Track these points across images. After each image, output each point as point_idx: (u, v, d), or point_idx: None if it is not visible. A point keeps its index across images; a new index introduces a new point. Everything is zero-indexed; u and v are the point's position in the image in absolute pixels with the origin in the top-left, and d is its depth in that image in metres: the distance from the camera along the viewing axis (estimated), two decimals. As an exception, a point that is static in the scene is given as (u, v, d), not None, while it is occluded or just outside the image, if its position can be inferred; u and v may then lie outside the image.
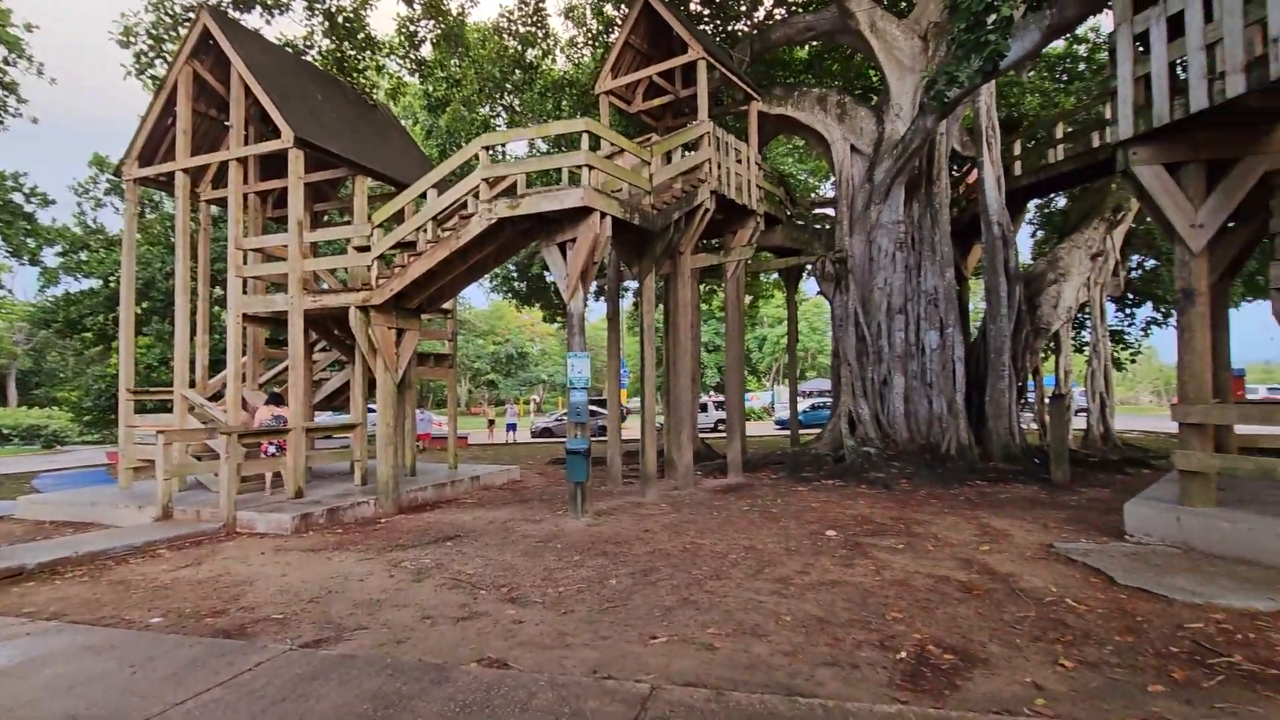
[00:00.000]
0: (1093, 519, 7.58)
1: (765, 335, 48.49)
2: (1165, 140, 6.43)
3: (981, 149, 12.79)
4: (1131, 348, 20.71)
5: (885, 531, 7.24)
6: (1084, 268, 14.24)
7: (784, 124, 14.70)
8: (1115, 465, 12.14)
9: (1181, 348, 6.59)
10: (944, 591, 5.10)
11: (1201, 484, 6.28)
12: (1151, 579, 5.12)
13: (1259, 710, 3.19)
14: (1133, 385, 62.97)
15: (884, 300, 13.17)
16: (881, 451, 12.24)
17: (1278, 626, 4.23)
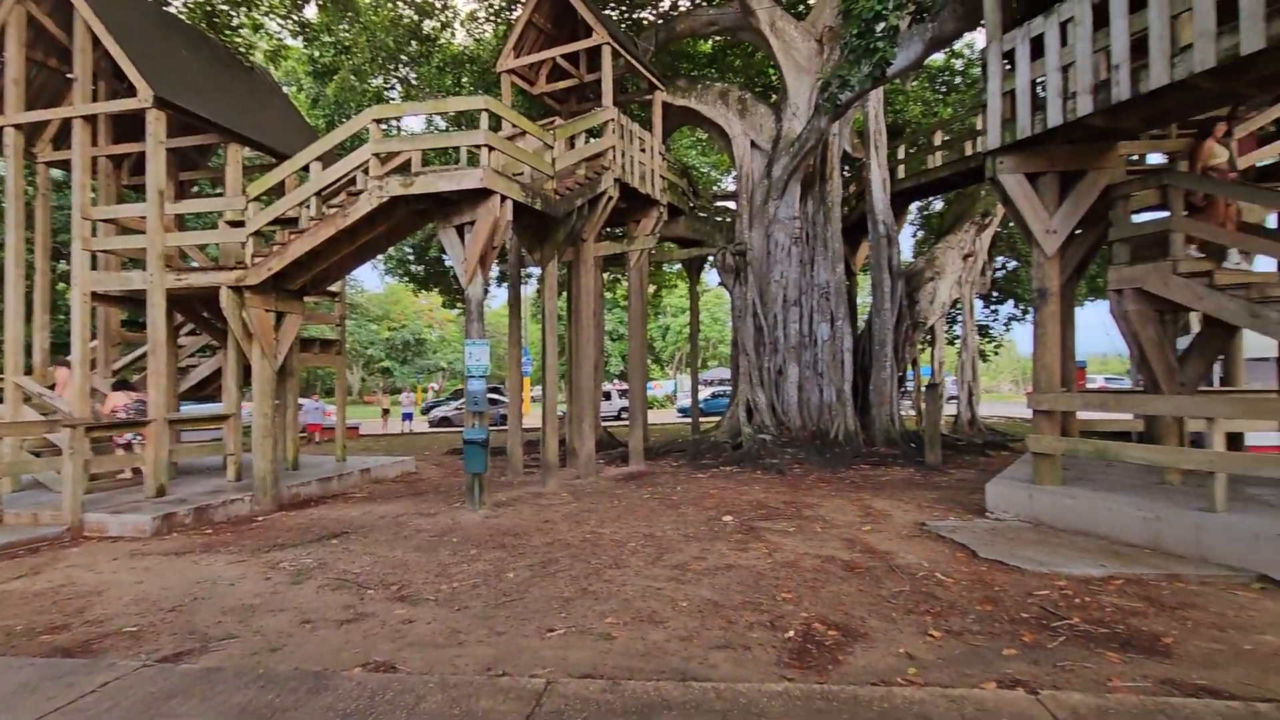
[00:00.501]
0: (960, 498, 8.26)
1: (669, 324, 49.25)
2: (1027, 151, 7.04)
3: (870, 152, 13.51)
4: (995, 341, 22.77)
5: (778, 515, 7.55)
6: (956, 267, 15.43)
7: (688, 116, 14.88)
8: (980, 448, 13.31)
9: (1036, 342, 7.27)
10: (830, 571, 5.38)
11: (1049, 464, 6.98)
12: (1007, 552, 5.64)
13: (1091, 665, 3.58)
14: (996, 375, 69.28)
15: (780, 293, 13.68)
16: (776, 438, 12.76)
17: (1108, 590, 4.78)
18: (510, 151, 8.27)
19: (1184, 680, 3.39)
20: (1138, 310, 6.91)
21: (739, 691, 3.27)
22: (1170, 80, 5.53)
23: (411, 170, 7.95)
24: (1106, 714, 2.92)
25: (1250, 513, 5.47)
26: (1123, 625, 4.11)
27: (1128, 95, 5.83)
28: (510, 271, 11.77)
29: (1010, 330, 23.01)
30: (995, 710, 2.99)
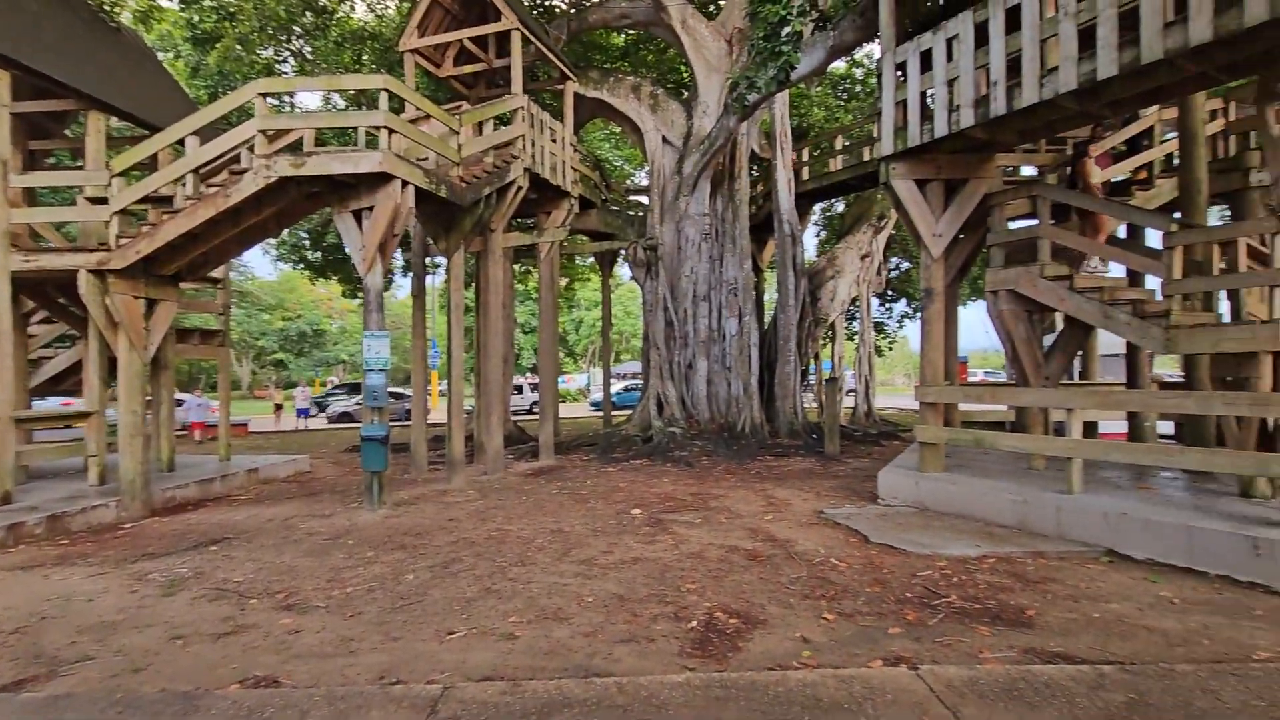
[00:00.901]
0: (855, 486, 8.71)
1: (582, 318, 49.04)
2: (917, 159, 7.47)
3: (776, 153, 13.94)
4: (890, 337, 24.17)
5: (685, 507, 7.67)
6: (855, 266, 16.23)
7: (600, 108, 14.80)
8: (875, 438, 14.10)
9: (923, 338, 7.76)
10: (733, 560, 5.51)
11: (934, 453, 7.48)
12: (895, 536, 5.99)
13: (965, 639, 3.86)
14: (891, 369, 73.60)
15: (690, 288, 13.90)
16: (686, 431, 12.97)
17: (981, 568, 5.18)
18: (413, 135, 7.91)
19: (1043, 648, 3.71)
20: (1010, 310, 7.51)
21: (640, 685, 3.29)
22: (1039, 99, 6.02)
23: (304, 150, 7.45)
24: (977, 684, 3.15)
25: (1101, 494, 6.08)
26: (993, 601, 4.46)
27: (1004, 110, 6.30)
28: (414, 261, 11.30)
29: (903, 327, 24.51)
30: (880, 687, 3.15)
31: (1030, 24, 6.05)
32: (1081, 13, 5.68)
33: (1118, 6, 5.45)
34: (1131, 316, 6.29)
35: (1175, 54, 5.13)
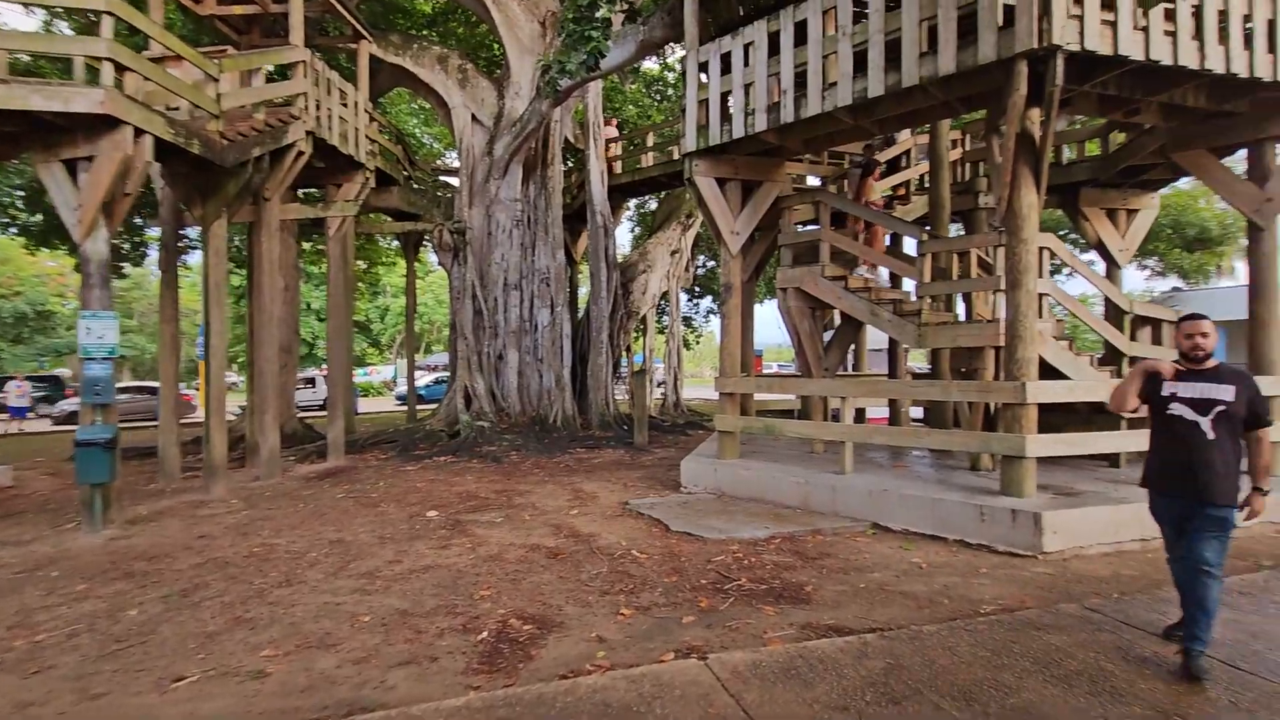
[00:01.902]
0: (661, 475, 8.91)
1: (388, 305, 45.59)
2: (718, 158, 7.75)
3: (590, 144, 13.89)
4: (698, 331, 25.52)
5: (488, 506, 7.26)
6: (666, 262, 16.79)
7: (402, 77, 13.64)
8: (683, 428, 14.70)
9: (722, 332, 8.11)
10: (533, 560, 5.26)
11: (731, 441, 7.86)
12: (694, 523, 6.15)
13: (752, 621, 3.99)
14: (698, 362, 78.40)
15: (501, 275, 13.37)
16: (495, 425, 12.46)
17: (769, 549, 5.47)
18: (153, 75, 6.53)
19: (818, 623, 3.94)
20: (797, 306, 8.12)
21: (413, 715, 2.90)
22: (821, 110, 6.50)
23: (-14, 77, 5.79)
24: (760, 668, 3.21)
25: (867, 473, 6.77)
26: (778, 580, 4.69)
27: (792, 118, 6.72)
28: (164, 230, 9.49)
29: (709, 322, 26.03)
30: (670, 683, 3.09)
31: (814, 40, 6.50)
32: (856, 35, 6.21)
33: (884, 33, 6.03)
34: (893, 315, 7.08)
35: (928, 81, 5.79)
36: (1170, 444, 3.24)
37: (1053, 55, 5.14)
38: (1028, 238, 5.62)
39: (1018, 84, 5.28)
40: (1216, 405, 3.11)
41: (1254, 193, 6.69)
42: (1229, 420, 3.10)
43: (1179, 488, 3.19)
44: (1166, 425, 3.26)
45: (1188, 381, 3.21)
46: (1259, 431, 3.16)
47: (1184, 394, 3.19)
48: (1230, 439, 3.11)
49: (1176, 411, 3.20)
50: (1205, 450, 3.11)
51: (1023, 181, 5.63)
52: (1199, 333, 3.20)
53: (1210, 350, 3.21)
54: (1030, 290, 5.61)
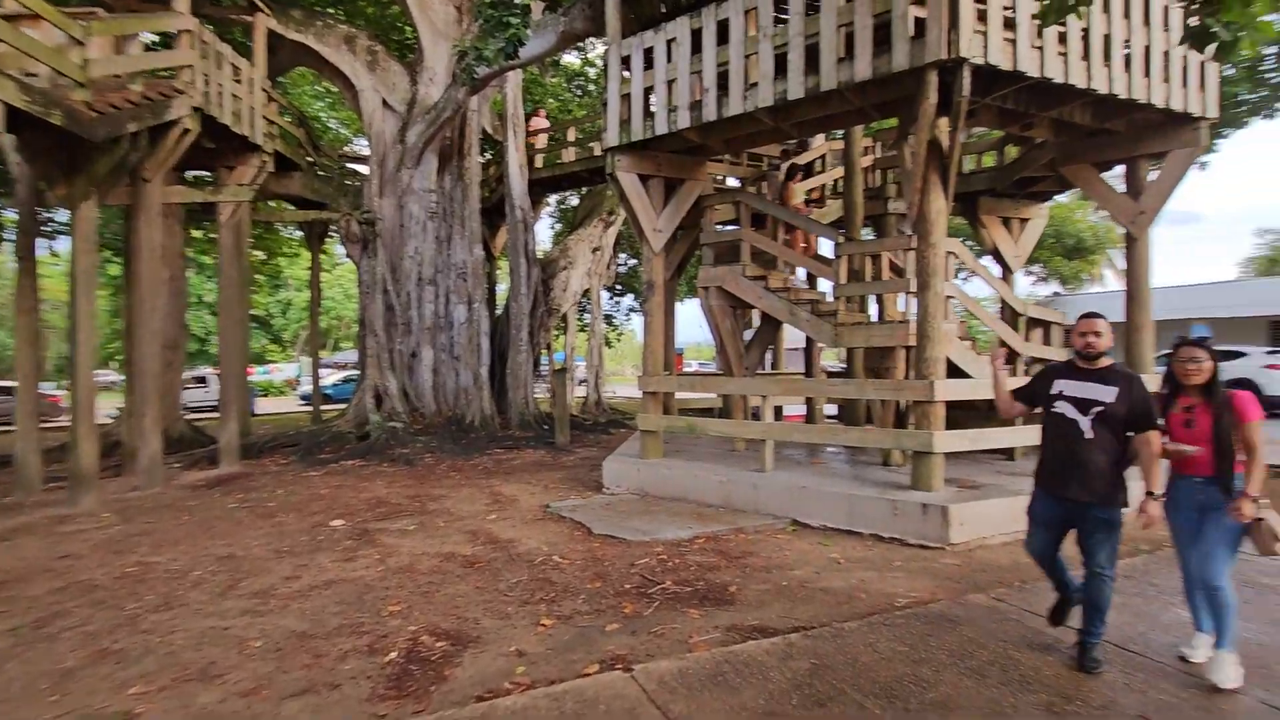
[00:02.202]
0: (583, 476, 8.74)
1: (291, 299, 42.88)
2: (640, 154, 7.66)
3: (509, 136, 13.50)
4: (619, 329, 25.47)
5: (399, 512, 6.87)
6: (587, 259, 16.59)
7: (304, 55, 12.78)
8: (605, 427, 14.57)
9: (645, 330, 8.04)
10: (448, 570, 4.98)
11: (654, 440, 7.80)
12: (618, 525, 6.04)
13: (678, 625, 3.91)
14: (620, 360, 78.61)
15: (415, 270, 12.79)
16: (408, 426, 11.90)
17: (693, 549, 5.43)
18: (2, 34, 5.73)
19: (743, 624, 3.92)
20: (719, 305, 8.16)
21: (309, 754, 2.63)
22: (743, 110, 6.53)
23: None
24: (686, 676, 3.13)
25: (787, 471, 6.88)
26: (702, 581, 4.65)
27: (714, 117, 6.72)
28: (21, 212, 8.41)
29: (631, 320, 26.06)
30: (594, 699, 2.95)
31: (736, 40, 6.52)
32: (777, 37, 6.27)
33: (804, 37, 6.12)
34: (810, 315, 7.22)
35: (845, 86, 5.91)
36: (1053, 442, 3.28)
37: (960, 67, 5.36)
38: (936, 242, 5.85)
39: (928, 93, 5.48)
40: (1096, 405, 3.12)
41: (1130, 205, 7.27)
42: (1108, 420, 3.09)
43: (1060, 486, 3.21)
44: (1052, 423, 3.29)
45: (1076, 380, 3.24)
46: (1146, 434, 3.10)
47: (1070, 393, 3.22)
48: (1111, 439, 3.10)
49: (1060, 410, 3.23)
50: (1083, 449, 3.12)
51: (932, 188, 5.85)
52: (1092, 331, 3.21)
53: (1102, 350, 3.22)
54: (938, 292, 5.85)
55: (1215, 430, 2.98)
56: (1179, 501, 3.14)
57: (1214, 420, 2.99)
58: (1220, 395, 3.00)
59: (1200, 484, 3.05)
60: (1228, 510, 2.95)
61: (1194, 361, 3.04)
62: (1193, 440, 3.04)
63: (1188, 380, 3.06)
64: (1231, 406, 2.98)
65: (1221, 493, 2.98)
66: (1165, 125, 6.95)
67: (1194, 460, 3.05)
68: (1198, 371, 3.03)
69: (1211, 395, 3.02)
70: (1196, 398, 3.06)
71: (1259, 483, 2.93)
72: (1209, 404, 3.02)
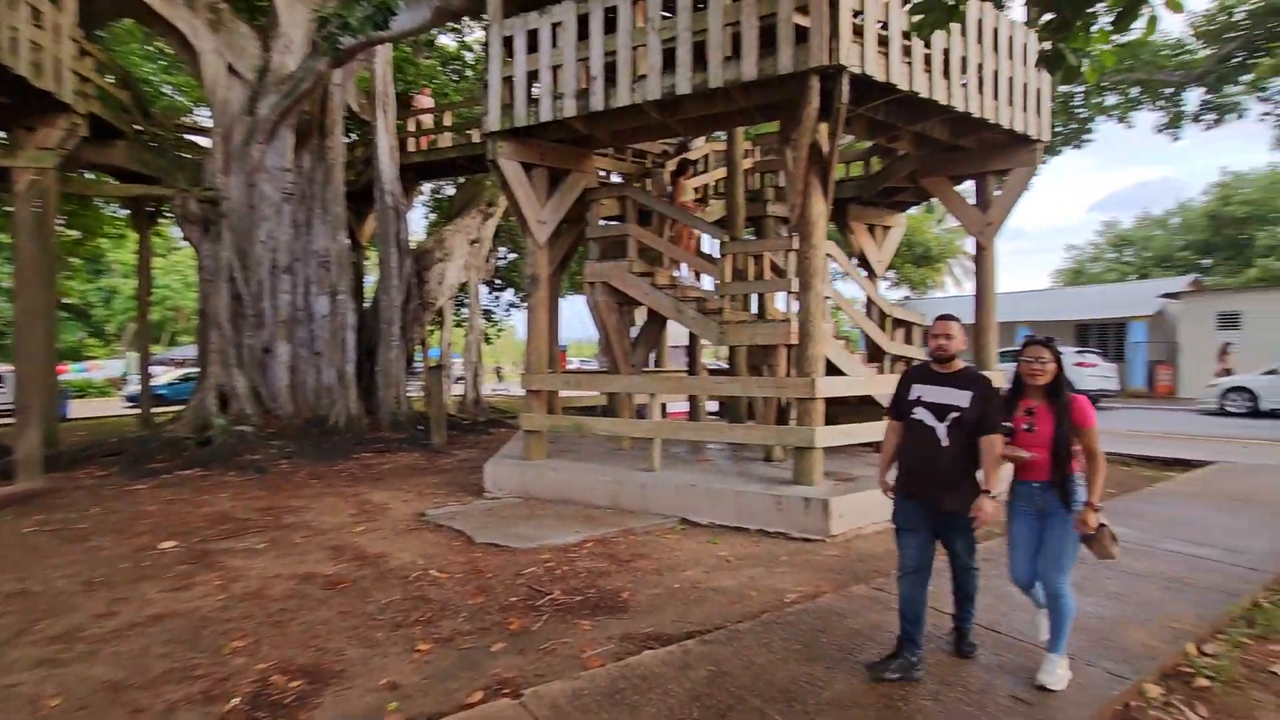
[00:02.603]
0: (462, 480, 8.25)
1: (116, 287, 37.62)
2: (524, 141, 7.31)
3: (378, 116, 12.53)
4: (499, 325, 24.66)
5: (247, 529, 6.08)
6: (464, 251, 15.82)
7: (131, 6, 11.09)
8: (484, 427, 13.96)
9: (528, 325, 7.70)
10: (305, 594, 4.42)
11: (538, 440, 7.49)
12: (501, 532, 5.69)
13: (569, 640, 3.69)
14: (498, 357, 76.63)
15: (268, 256, 11.53)
16: (260, 430, 10.71)
17: (581, 554, 5.22)
18: None
19: (637, 632, 3.76)
20: (605, 301, 7.99)
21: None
22: (631, 102, 6.38)
23: None
24: (581, 698, 2.92)
25: (675, 469, 6.85)
26: (593, 588, 4.45)
27: (601, 107, 6.52)
28: None
29: (510, 315, 25.29)
30: (479, 733, 2.67)
31: (625, 29, 6.36)
32: (665, 30, 6.18)
33: (692, 33, 6.08)
34: (696, 313, 7.24)
35: (732, 85, 5.94)
36: (914, 449, 3.20)
37: (840, 74, 5.54)
38: (818, 243, 6.03)
39: (811, 98, 5.62)
40: (952, 411, 3.07)
41: (979, 217, 7.94)
42: (962, 426, 3.06)
43: (925, 493, 3.15)
44: (910, 430, 3.21)
45: (932, 385, 3.18)
46: (990, 437, 3.03)
47: (927, 398, 3.16)
48: (965, 445, 3.06)
49: (919, 417, 3.16)
50: (941, 458, 3.08)
51: (813, 191, 6.02)
52: (944, 334, 3.15)
53: (954, 352, 3.16)
54: (819, 292, 6.04)
55: (1055, 434, 2.92)
56: (1018, 506, 3.10)
57: (1055, 424, 2.93)
58: (1063, 399, 2.95)
59: (1039, 489, 3.00)
60: (1074, 525, 2.92)
61: (1039, 361, 2.96)
62: (1033, 443, 2.97)
63: (1032, 380, 2.99)
64: (1071, 411, 2.93)
65: (1059, 497, 2.95)
66: (1009, 145, 7.65)
67: (1032, 464, 2.99)
68: (1042, 372, 2.95)
69: (1054, 398, 2.96)
70: (1039, 399, 3.00)
71: (1100, 490, 2.93)
72: (1051, 406, 2.96)
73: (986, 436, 3.03)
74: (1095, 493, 2.92)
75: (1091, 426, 2.93)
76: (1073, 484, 2.94)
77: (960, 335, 3.20)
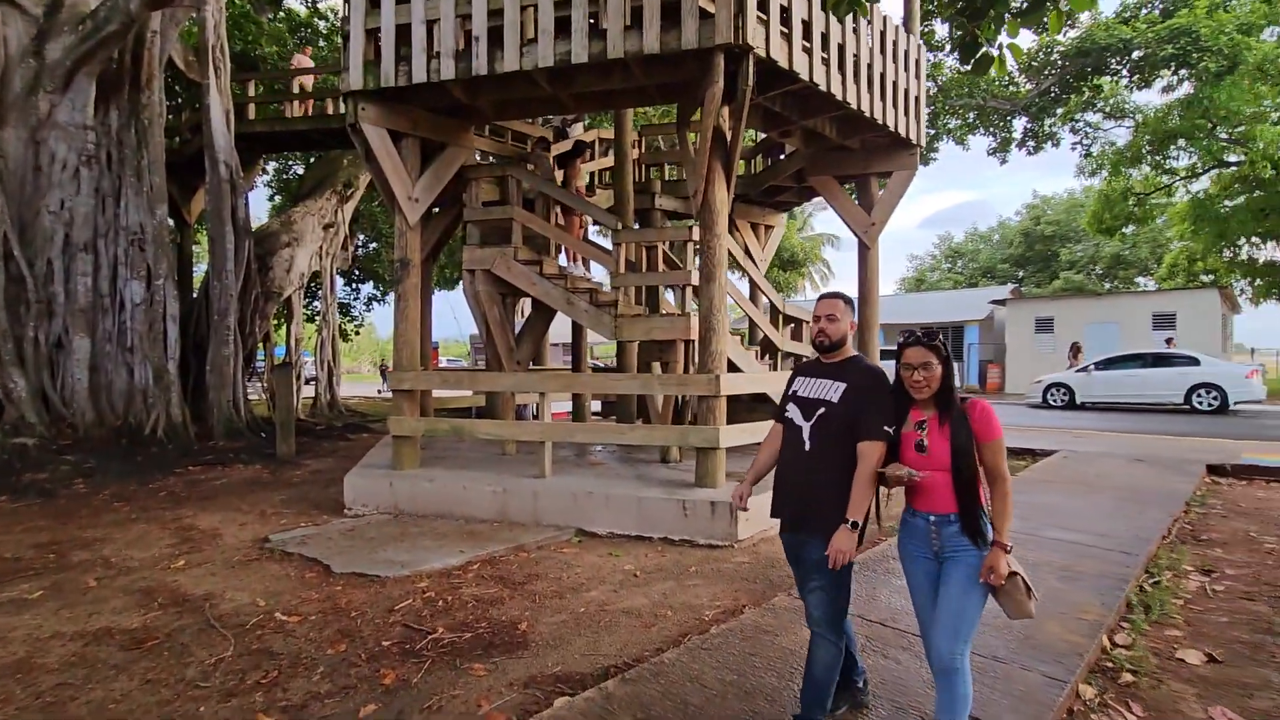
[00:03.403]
0: (317, 495, 7.12)
1: None
2: (392, 106, 6.40)
3: (208, 73, 10.76)
4: (357, 320, 22.58)
5: (19, 572, 4.72)
6: (317, 236, 14.18)
7: None
8: (341, 432, 12.50)
9: (398, 316, 6.77)
10: (97, 660, 3.37)
11: (410, 447, 6.60)
12: (367, 558, 4.83)
13: (460, 692, 3.03)
14: (357, 356, 71.22)
15: (61, 230, 9.49)
16: (50, 441, 8.77)
17: (467, 579, 4.51)
18: None
19: (543, 673, 3.18)
20: (486, 291, 7.23)
21: None
22: (520, 68, 5.72)
23: None
24: (485, 778, 2.30)
25: (568, 474, 6.27)
26: (484, 622, 3.79)
27: (485, 71, 5.80)
28: None
29: (371, 310, 23.29)
30: None
31: (514, -14, 5.70)
32: (557, -9, 5.61)
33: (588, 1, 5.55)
34: (589, 305, 6.72)
35: (632, 58, 5.48)
36: (781, 454, 2.59)
37: (746, 55, 5.26)
38: (721, 233, 5.74)
39: (716, 76, 5.29)
40: (819, 406, 2.44)
41: (863, 217, 8.10)
42: (828, 426, 2.40)
43: (779, 512, 2.56)
44: (783, 434, 2.60)
45: (810, 377, 2.57)
46: (863, 445, 2.32)
47: (801, 392, 2.54)
48: (836, 452, 2.37)
49: (790, 415, 2.55)
50: (802, 465, 2.45)
51: (716, 178, 5.72)
52: (825, 315, 2.49)
53: (836, 337, 2.48)
54: (722, 285, 5.74)
55: (953, 452, 2.20)
56: (911, 548, 2.36)
57: (951, 439, 2.21)
58: (956, 408, 2.24)
59: (934, 524, 2.26)
60: (980, 573, 2.17)
61: (925, 369, 2.23)
62: (926, 464, 2.24)
63: (917, 394, 2.28)
64: (970, 420, 2.22)
65: (966, 535, 2.21)
66: (890, 148, 7.85)
67: (926, 491, 2.25)
68: (925, 384, 2.24)
69: (946, 407, 2.25)
70: (929, 410, 2.29)
71: (1008, 525, 2.20)
72: (944, 418, 2.24)
73: (862, 443, 2.32)
74: (1004, 529, 2.18)
75: (996, 439, 2.21)
76: (981, 518, 2.21)
77: (847, 317, 2.51)
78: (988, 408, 2.24)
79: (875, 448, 2.31)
